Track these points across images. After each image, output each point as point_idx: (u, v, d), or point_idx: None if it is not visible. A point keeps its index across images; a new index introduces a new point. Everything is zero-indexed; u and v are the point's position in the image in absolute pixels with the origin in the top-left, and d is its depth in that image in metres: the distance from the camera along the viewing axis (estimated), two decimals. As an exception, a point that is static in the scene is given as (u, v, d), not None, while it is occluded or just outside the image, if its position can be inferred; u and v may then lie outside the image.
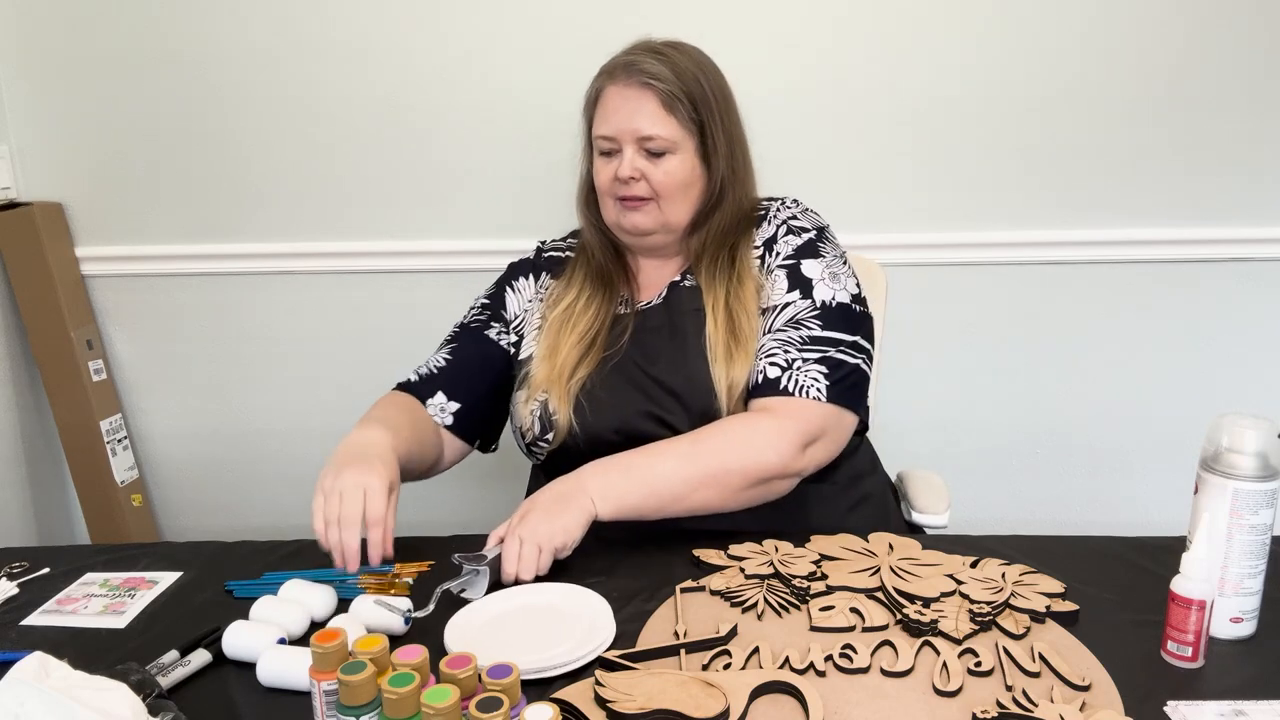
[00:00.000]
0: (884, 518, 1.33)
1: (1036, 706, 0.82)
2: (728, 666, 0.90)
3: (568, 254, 1.41)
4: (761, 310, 1.26)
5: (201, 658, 0.94)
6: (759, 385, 1.20)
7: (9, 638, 1.02)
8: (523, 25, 1.83)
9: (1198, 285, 1.89)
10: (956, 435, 1.99)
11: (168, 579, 1.13)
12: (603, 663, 0.90)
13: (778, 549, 1.12)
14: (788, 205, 1.34)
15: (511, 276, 1.41)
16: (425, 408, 1.31)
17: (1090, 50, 1.79)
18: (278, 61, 1.88)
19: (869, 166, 1.87)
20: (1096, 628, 0.96)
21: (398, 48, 1.86)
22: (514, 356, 1.36)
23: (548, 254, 1.43)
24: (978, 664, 0.89)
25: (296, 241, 1.97)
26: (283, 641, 0.94)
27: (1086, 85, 1.80)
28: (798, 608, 1.01)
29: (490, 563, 1.05)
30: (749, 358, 1.22)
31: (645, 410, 1.24)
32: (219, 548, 1.20)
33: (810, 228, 1.31)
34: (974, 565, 1.07)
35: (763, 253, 1.30)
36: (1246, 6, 1.75)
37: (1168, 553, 1.04)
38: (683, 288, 1.31)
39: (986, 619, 0.96)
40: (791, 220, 1.31)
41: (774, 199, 1.36)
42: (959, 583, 1.03)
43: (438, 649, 0.94)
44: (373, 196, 1.94)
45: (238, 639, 0.94)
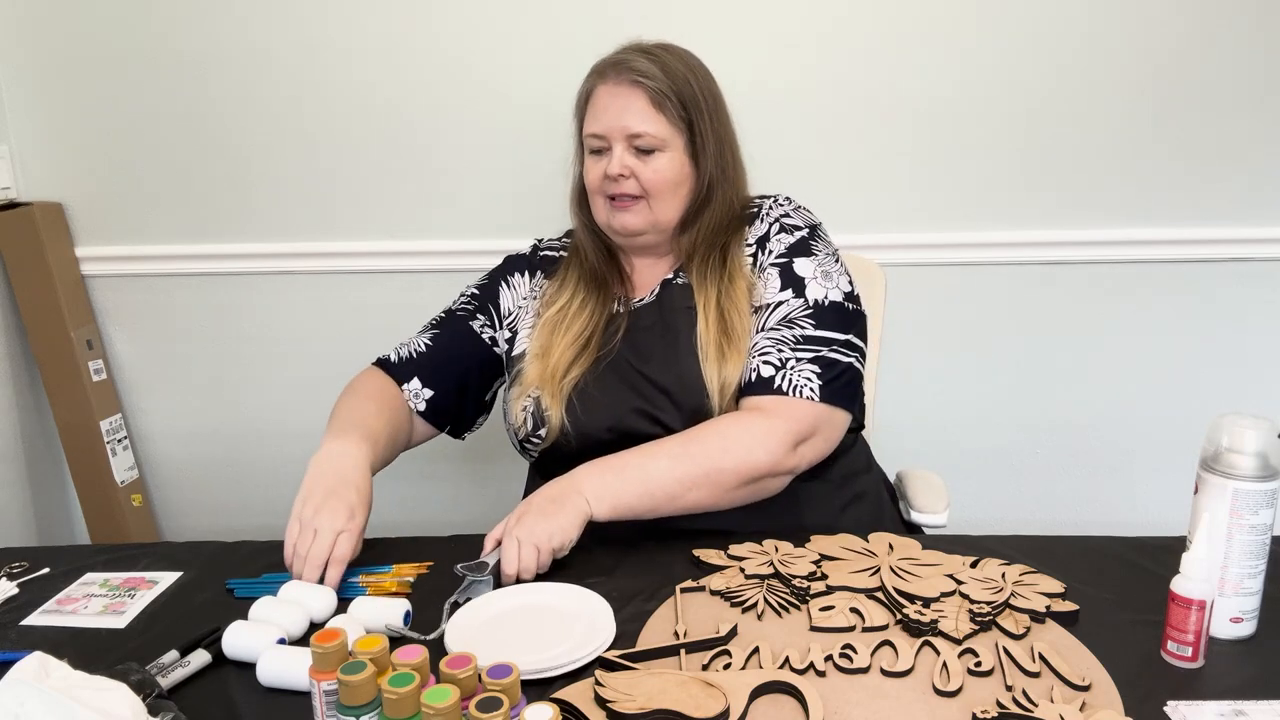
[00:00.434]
0: (878, 516, 1.33)
1: (1036, 706, 0.82)
2: (728, 666, 0.90)
3: (561, 254, 1.41)
4: (754, 309, 1.26)
5: (201, 658, 0.93)
6: (752, 384, 1.21)
7: (9, 638, 1.02)
8: (521, 26, 1.83)
9: (1198, 285, 1.89)
10: (956, 435, 1.99)
11: (168, 579, 1.13)
12: (603, 663, 0.90)
13: (778, 549, 1.12)
14: (780, 203, 1.34)
15: (507, 271, 1.42)
16: (400, 391, 1.33)
17: (1090, 50, 1.79)
18: (278, 62, 1.88)
19: (868, 166, 1.87)
20: (1096, 628, 0.96)
21: (397, 48, 1.86)
22: (507, 352, 1.37)
23: (543, 253, 1.43)
24: (978, 664, 0.89)
25: (297, 241, 1.97)
26: (283, 641, 0.94)
27: (1087, 85, 1.80)
28: (798, 608, 1.01)
29: (493, 569, 1.05)
30: (741, 356, 1.22)
31: (637, 408, 1.24)
32: (219, 548, 1.20)
33: (802, 225, 1.31)
34: (974, 565, 1.07)
35: (755, 250, 1.30)
36: (1246, 6, 1.75)
37: (1168, 553, 1.04)
38: (675, 285, 1.31)
39: (986, 619, 0.96)
40: (784, 218, 1.31)
41: (766, 197, 1.36)
42: (959, 583, 1.03)
43: (438, 649, 0.94)
44: (372, 197, 1.94)
45: (238, 639, 0.94)
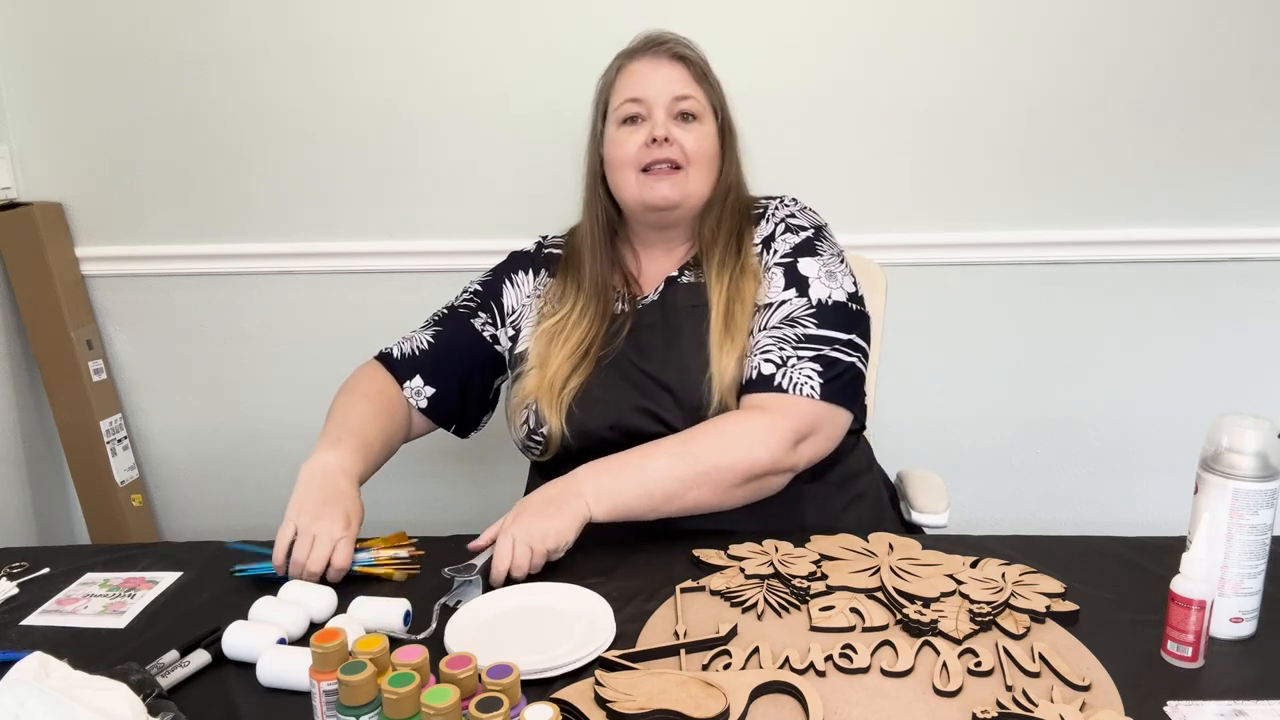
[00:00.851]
0: (879, 517, 1.33)
1: (1036, 706, 0.82)
2: (728, 666, 0.90)
3: (563, 251, 1.40)
4: (758, 306, 1.26)
5: (201, 658, 0.93)
6: (753, 382, 1.20)
7: (9, 638, 1.02)
8: (520, 26, 1.83)
9: (1198, 285, 1.89)
10: (956, 435, 1.99)
11: (168, 579, 1.12)
12: (603, 663, 0.90)
13: (778, 549, 1.12)
14: (786, 204, 1.34)
15: (511, 268, 1.41)
16: (401, 389, 1.34)
17: (1090, 50, 1.79)
18: (277, 62, 1.88)
19: (869, 166, 1.87)
20: (1096, 628, 0.96)
21: (397, 48, 1.86)
22: (510, 349, 1.36)
23: (547, 250, 1.42)
24: (978, 664, 0.89)
25: (296, 241, 1.97)
26: (283, 641, 0.94)
27: (1087, 85, 1.80)
28: (798, 608, 1.01)
29: (480, 570, 1.05)
30: (737, 349, 1.22)
31: (639, 406, 1.24)
32: (219, 548, 1.20)
33: (808, 226, 1.31)
34: (974, 565, 1.07)
35: (761, 250, 1.30)
36: (1246, 6, 1.75)
37: (1168, 553, 1.04)
38: (679, 284, 1.31)
39: (986, 619, 0.96)
40: (789, 218, 1.32)
41: (771, 198, 1.36)
42: (959, 583, 1.03)
43: (438, 649, 0.94)
44: (372, 196, 1.94)
45: (238, 639, 0.94)
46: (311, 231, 1.97)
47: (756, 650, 0.92)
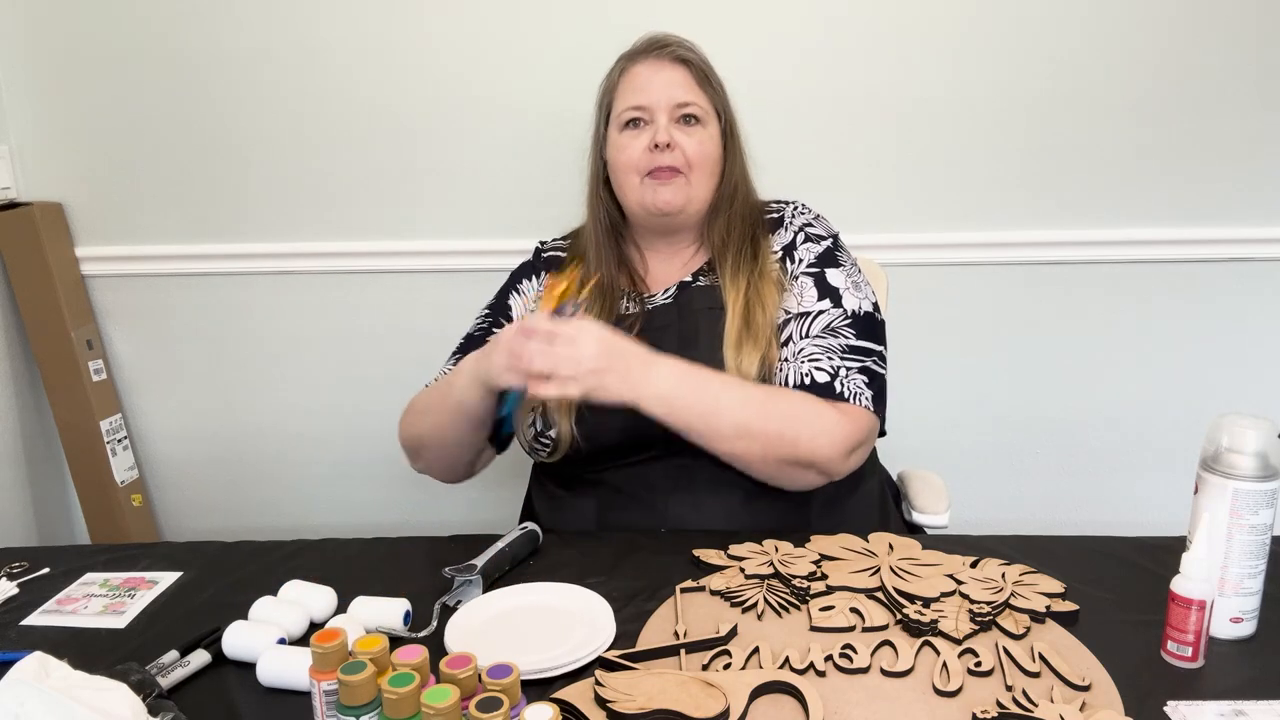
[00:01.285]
0: (883, 518, 1.33)
1: (1036, 706, 0.82)
2: (728, 666, 0.90)
3: (565, 255, 1.40)
4: (786, 314, 1.25)
5: (201, 658, 0.94)
6: (807, 388, 1.20)
7: (9, 638, 1.02)
8: (519, 28, 1.83)
9: (1198, 285, 1.89)
10: (956, 435, 1.99)
11: (168, 579, 1.13)
12: (603, 663, 0.90)
13: (778, 549, 1.12)
14: (802, 211, 1.34)
15: (515, 281, 1.41)
16: None
17: (1090, 50, 1.79)
18: (277, 62, 1.88)
19: (868, 166, 1.86)
20: (1096, 628, 0.96)
21: (396, 49, 1.86)
22: None
23: (547, 254, 1.42)
24: (978, 664, 0.89)
25: (296, 241, 1.97)
26: (283, 641, 0.95)
27: (1086, 85, 1.80)
28: (798, 608, 1.01)
29: (481, 570, 1.05)
30: (759, 350, 1.21)
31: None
32: (219, 548, 1.20)
33: (826, 235, 1.32)
34: (974, 565, 1.07)
35: (782, 257, 1.30)
36: (1246, 6, 1.75)
37: (1168, 553, 1.04)
38: (694, 288, 1.31)
39: (986, 619, 0.96)
40: (808, 226, 1.32)
41: (781, 202, 1.36)
42: (959, 583, 1.03)
43: (438, 649, 0.94)
44: (372, 197, 1.94)
45: (238, 639, 0.94)
46: (311, 231, 1.97)
47: (756, 650, 0.92)
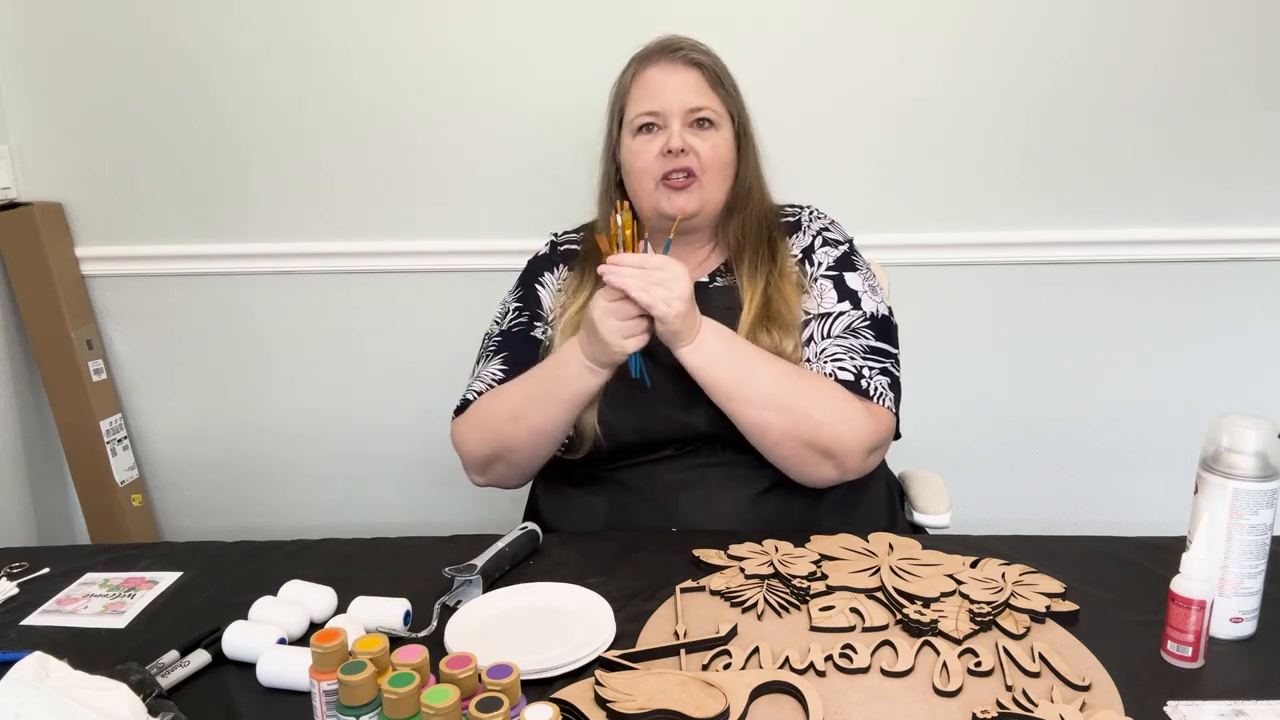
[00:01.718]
0: (891, 521, 1.33)
1: (1036, 706, 0.82)
2: (728, 666, 0.90)
3: (580, 246, 1.39)
4: (806, 314, 1.26)
5: (201, 658, 0.94)
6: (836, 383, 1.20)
7: (9, 638, 1.02)
8: (518, 28, 1.83)
9: (1198, 285, 1.89)
10: (956, 435, 1.99)
11: (168, 579, 1.12)
12: (603, 663, 0.90)
13: (778, 549, 1.12)
14: (818, 215, 1.35)
15: (536, 274, 1.38)
16: None
17: (1090, 50, 1.79)
18: (277, 62, 1.88)
19: (868, 166, 1.86)
20: (1096, 628, 0.96)
21: (396, 48, 1.86)
22: (547, 349, 1.33)
23: (563, 246, 1.40)
24: (978, 664, 0.89)
25: (296, 241, 1.97)
26: (283, 641, 0.94)
27: (1087, 85, 1.80)
28: (798, 608, 1.01)
29: (480, 570, 1.05)
30: (770, 340, 1.21)
31: (666, 408, 1.22)
32: (219, 548, 1.20)
33: (843, 240, 1.32)
34: (974, 565, 1.07)
35: (801, 260, 1.30)
36: (1246, 6, 1.75)
37: (1168, 553, 1.04)
38: (713, 289, 1.30)
39: (986, 619, 0.96)
40: (825, 231, 1.32)
41: (796, 206, 1.36)
42: (959, 583, 1.03)
43: (438, 649, 0.94)
44: (372, 196, 1.94)
45: (238, 639, 0.94)
46: (311, 231, 1.97)
47: (756, 650, 0.92)
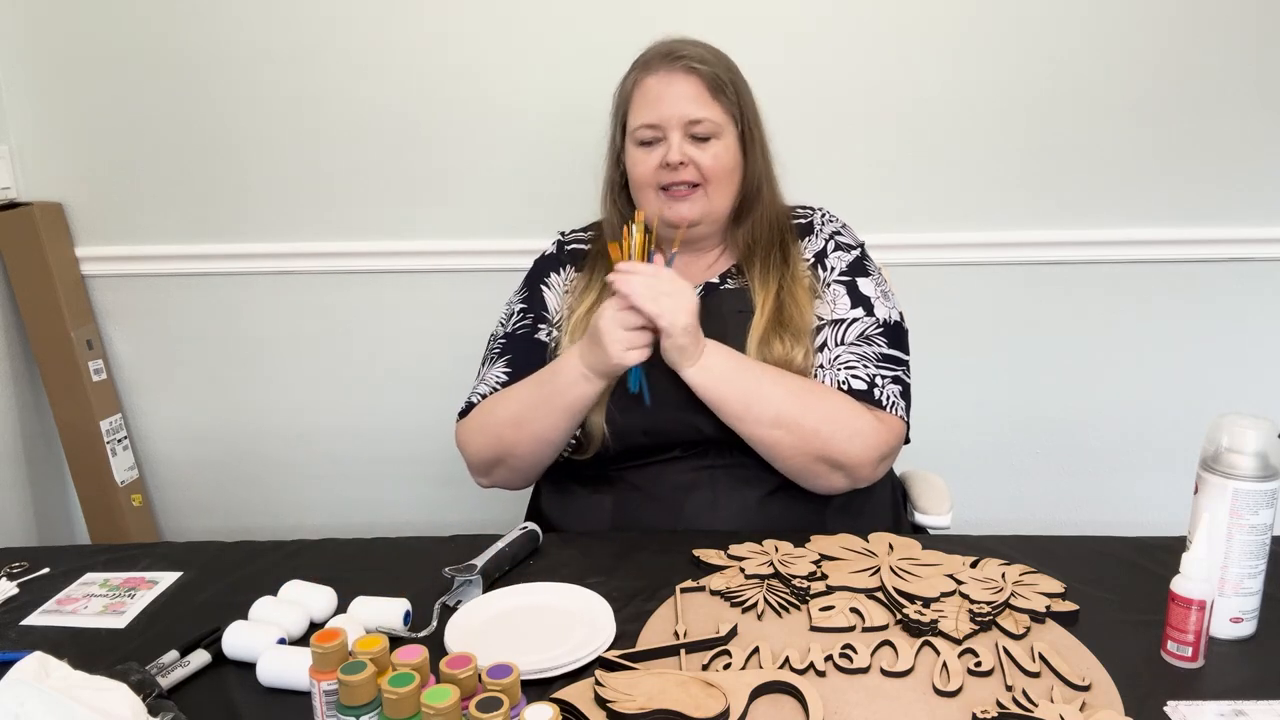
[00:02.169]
0: (896, 523, 1.33)
1: (1036, 706, 0.82)
2: (728, 666, 0.90)
3: (589, 246, 1.38)
4: (820, 320, 1.25)
5: (201, 658, 0.94)
6: (845, 394, 1.20)
7: (9, 638, 1.02)
8: (518, 27, 1.83)
9: (1198, 285, 1.89)
10: (956, 435, 1.99)
11: (168, 579, 1.13)
12: (603, 663, 0.90)
13: (778, 549, 1.12)
14: (830, 219, 1.35)
15: (542, 274, 1.38)
16: None
17: (1090, 50, 1.79)
18: (277, 62, 1.88)
19: (868, 166, 1.86)
20: (1096, 628, 0.96)
21: (396, 48, 1.86)
22: (553, 350, 1.32)
23: (570, 246, 1.40)
24: (978, 664, 0.89)
25: (296, 241, 1.97)
26: (283, 641, 0.95)
27: (1087, 85, 1.80)
28: (798, 608, 1.01)
29: (480, 570, 1.05)
30: (783, 347, 1.21)
31: (674, 413, 1.21)
32: (219, 548, 1.20)
33: (854, 244, 1.32)
34: (974, 565, 1.07)
35: (813, 264, 1.30)
36: (1246, 6, 1.75)
37: (1168, 553, 1.04)
38: (724, 290, 1.30)
39: (986, 619, 0.96)
40: (837, 235, 1.32)
41: (808, 208, 1.36)
42: (959, 583, 1.03)
43: (438, 649, 0.94)
44: (372, 196, 1.94)
45: (238, 639, 0.94)
46: (311, 231, 1.96)
47: (756, 650, 0.92)
